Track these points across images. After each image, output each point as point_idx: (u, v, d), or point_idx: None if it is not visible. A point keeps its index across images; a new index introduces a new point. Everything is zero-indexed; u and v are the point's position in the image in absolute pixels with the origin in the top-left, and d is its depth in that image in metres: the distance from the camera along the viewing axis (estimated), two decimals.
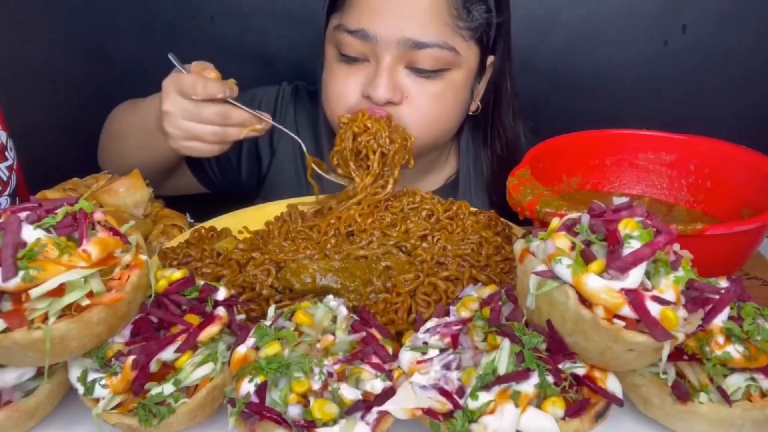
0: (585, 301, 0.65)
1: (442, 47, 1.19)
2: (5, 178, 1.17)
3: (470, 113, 1.38)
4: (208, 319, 0.75)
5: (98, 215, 0.73)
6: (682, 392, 0.70)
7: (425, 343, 0.74)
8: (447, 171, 1.51)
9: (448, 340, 0.73)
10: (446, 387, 0.68)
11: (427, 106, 1.23)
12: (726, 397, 0.68)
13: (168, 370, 0.72)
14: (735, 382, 0.70)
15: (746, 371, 0.70)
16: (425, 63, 1.20)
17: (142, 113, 1.31)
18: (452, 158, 1.52)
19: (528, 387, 0.65)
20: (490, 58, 1.32)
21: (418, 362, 0.71)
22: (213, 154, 1.21)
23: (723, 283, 0.75)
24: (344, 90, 1.25)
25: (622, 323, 0.64)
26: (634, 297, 0.63)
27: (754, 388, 0.70)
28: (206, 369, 0.72)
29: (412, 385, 0.68)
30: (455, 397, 0.66)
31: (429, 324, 0.77)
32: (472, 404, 0.65)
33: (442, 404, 0.66)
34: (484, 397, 0.65)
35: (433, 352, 0.72)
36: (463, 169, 1.47)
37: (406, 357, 0.72)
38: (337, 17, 1.25)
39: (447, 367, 0.70)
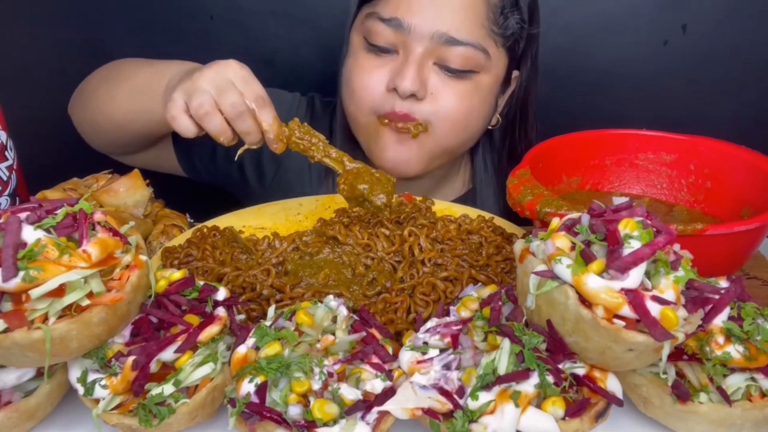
0: (585, 301, 0.65)
1: (475, 47, 1.18)
2: (5, 178, 1.17)
3: (490, 126, 1.37)
4: (208, 319, 0.75)
5: (98, 216, 0.73)
6: (682, 392, 0.70)
7: (425, 343, 0.74)
8: (458, 185, 1.51)
9: (448, 340, 0.73)
10: (446, 387, 0.68)
11: (452, 106, 1.22)
12: (726, 397, 0.69)
13: (168, 370, 0.72)
14: (735, 382, 0.70)
15: (746, 371, 0.70)
16: (455, 61, 1.19)
17: (160, 69, 1.21)
18: (465, 173, 1.51)
19: (528, 387, 0.65)
20: (515, 73, 1.32)
21: (418, 362, 0.71)
22: (228, 142, 1.06)
23: (723, 283, 0.75)
24: (370, 82, 1.23)
25: (622, 323, 0.64)
26: (633, 297, 0.63)
27: (754, 388, 0.70)
28: (206, 369, 0.72)
29: (412, 385, 0.68)
30: (455, 397, 0.66)
31: (429, 324, 0.77)
32: (472, 404, 0.65)
33: (442, 404, 0.66)
34: (485, 397, 0.65)
35: (433, 352, 0.72)
36: (479, 185, 1.47)
37: (406, 357, 0.72)
38: (370, 6, 1.24)
39: (447, 367, 0.70)
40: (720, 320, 0.71)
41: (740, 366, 0.69)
